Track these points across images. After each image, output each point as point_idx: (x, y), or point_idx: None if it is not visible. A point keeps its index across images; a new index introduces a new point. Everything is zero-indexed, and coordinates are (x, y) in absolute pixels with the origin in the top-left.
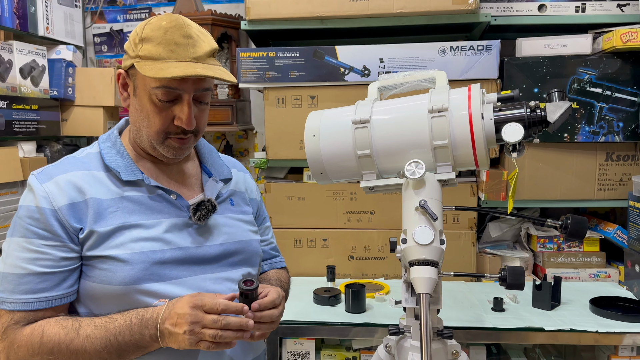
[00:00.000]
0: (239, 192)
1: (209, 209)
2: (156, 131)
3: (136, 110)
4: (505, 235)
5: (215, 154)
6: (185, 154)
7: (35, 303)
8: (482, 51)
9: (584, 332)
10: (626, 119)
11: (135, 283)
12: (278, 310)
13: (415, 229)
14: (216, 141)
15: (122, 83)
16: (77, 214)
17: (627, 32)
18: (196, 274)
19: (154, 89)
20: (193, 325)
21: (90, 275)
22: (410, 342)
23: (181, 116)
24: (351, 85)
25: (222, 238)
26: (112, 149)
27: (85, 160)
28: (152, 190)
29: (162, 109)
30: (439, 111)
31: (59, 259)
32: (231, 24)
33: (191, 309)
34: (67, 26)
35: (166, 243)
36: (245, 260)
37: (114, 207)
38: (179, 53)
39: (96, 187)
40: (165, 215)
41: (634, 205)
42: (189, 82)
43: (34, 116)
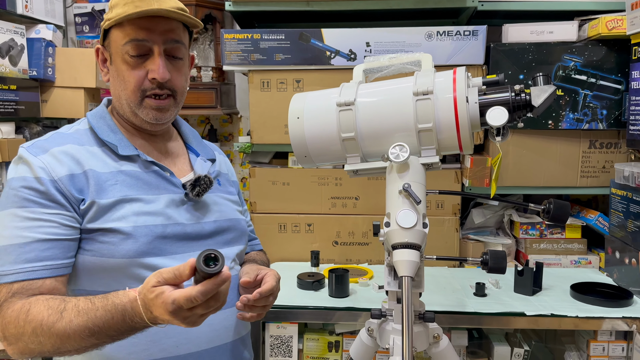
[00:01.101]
0: (223, 174)
1: (207, 184)
2: (132, 90)
3: (114, 79)
4: (489, 221)
5: (198, 136)
6: (166, 117)
7: (40, 271)
8: (468, 36)
9: (564, 317)
10: (610, 106)
11: (138, 256)
12: (273, 297)
13: (399, 212)
14: (200, 125)
15: (101, 59)
16: (78, 185)
17: (612, 20)
18: (193, 249)
19: (123, 46)
20: (188, 321)
21: (88, 249)
22: (392, 325)
23: (153, 68)
24: (337, 69)
25: (215, 215)
26: (104, 125)
27: (76, 136)
28: (147, 165)
29: (135, 65)
30: (424, 94)
31: (62, 225)
32: (215, 5)
33: (174, 314)
34: (47, 5)
35: (167, 218)
36: (236, 239)
37: (112, 180)
38: (141, 6)
39: (93, 160)
40: (162, 190)
41: (615, 192)
42: (156, 32)
43: (13, 97)
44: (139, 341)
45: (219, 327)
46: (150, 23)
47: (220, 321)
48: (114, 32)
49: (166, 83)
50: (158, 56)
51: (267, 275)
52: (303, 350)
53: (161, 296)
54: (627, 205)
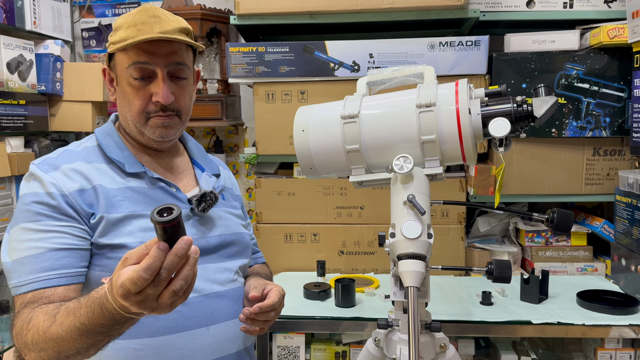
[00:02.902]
0: (228, 188)
1: (213, 199)
2: (137, 112)
3: (120, 99)
4: (494, 229)
5: (204, 151)
6: (172, 134)
7: (56, 279)
8: (470, 47)
9: (571, 325)
10: (613, 114)
11: None
12: (276, 313)
13: (403, 223)
14: (206, 137)
15: (108, 79)
16: (88, 200)
17: (614, 28)
18: (200, 263)
19: (127, 69)
20: (139, 307)
21: (98, 265)
22: (398, 335)
23: (157, 91)
24: (341, 80)
25: (220, 230)
26: (111, 142)
27: (84, 153)
28: (153, 182)
29: (139, 88)
30: (426, 106)
31: (75, 237)
32: (220, 19)
33: (125, 301)
34: (55, 20)
35: None
36: (240, 252)
37: (120, 196)
38: (144, 30)
39: (101, 177)
40: None
41: (620, 199)
42: (159, 55)
43: (22, 111)
44: (145, 354)
45: (223, 338)
46: (152, 46)
47: (225, 332)
48: (119, 55)
49: (170, 105)
50: (161, 80)
51: (272, 290)
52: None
53: (116, 280)
54: (632, 212)
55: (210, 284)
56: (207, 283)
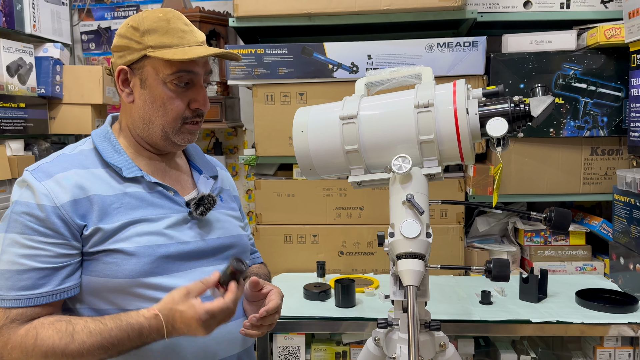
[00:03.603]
0: (225, 190)
1: (211, 203)
2: (174, 118)
3: (146, 103)
4: (493, 229)
5: (201, 152)
6: (195, 138)
7: (36, 299)
8: (468, 47)
9: (570, 323)
10: (610, 113)
11: (141, 276)
12: (278, 314)
13: (402, 223)
14: (205, 138)
15: (122, 79)
16: (81, 211)
17: (610, 28)
18: (197, 267)
19: (170, 75)
20: (210, 328)
21: (92, 270)
22: (398, 335)
23: (198, 98)
24: (340, 81)
25: (218, 232)
26: (108, 146)
27: (80, 157)
28: (151, 186)
29: (179, 94)
30: (424, 106)
31: (59, 255)
32: (219, 21)
33: (202, 323)
34: (54, 24)
35: (170, 238)
36: (238, 254)
37: (117, 203)
38: (187, 39)
39: (97, 184)
40: (167, 210)
41: (618, 198)
42: (200, 64)
43: (22, 114)
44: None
45: (222, 341)
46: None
47: (224, 335)
48: (155, 60)
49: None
50: (202, 87)
51: (272, 292)
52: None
53: (193, 308)
54: (630, 211)
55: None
56: None
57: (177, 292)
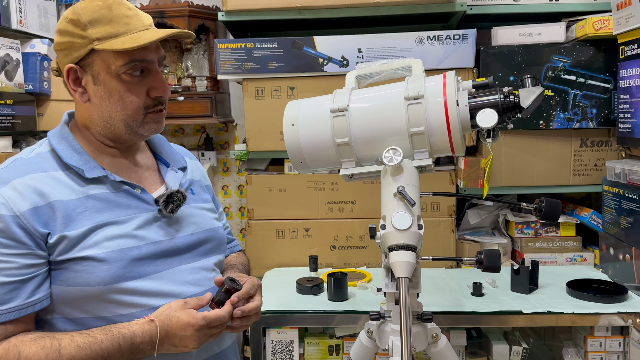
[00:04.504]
0: (196, 181)
1: (180, 199)
2: (135, 110)
3: (103, 99)
4: (484, 222)
5: (167, 143)
6: (162, 127)
7: (5, 315)
8: (458, 40)
9: (561, 314)
10: (600, 105)
11: (114, 282)
12: (255, 304)
13: (394, 215)
14: (196, 134)
15: (73, 79)
16: (43, 218)
17: (599, 20)
18: (172, 266)
19: (122, 66)
20: (201, 341)
21: (62, 279)
22: (390, 326)
23: (156, 85)
24: (330, 75)
25: (192, 228)
26: (67, 147)
27: (37, 160)
28: (116, 186)
29: (135, 84)
30: (415, 98)
31: (25, 266)
32: (208, 16)
33: (197, 331)
34: (41, 19)
35: (141, 239)
36: (214, 248)
37: (81, 207)
38: (134, 24)
39: (58, 188)
40: (134, 210)
41: (608, 189)
42: (153, 50)
43: (9, 111)
44: None
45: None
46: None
47: None
48: (104, 52)
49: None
50: (158, 72)
51: (247, 283)
52: (304, 354)
53: (191, 314)
54: (619, 202)
55: (188, 287)
56: (184, 286)
57: (175, 302)
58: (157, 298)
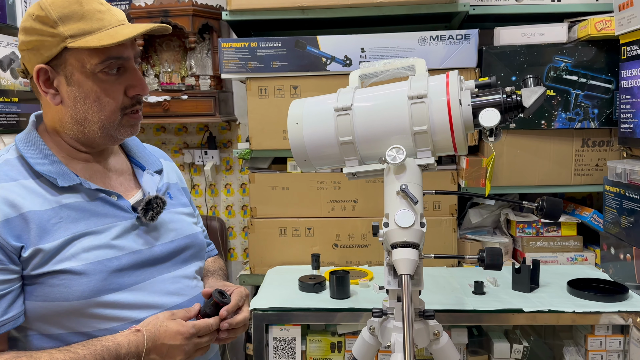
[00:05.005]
0: (173, 184)
1: (160, 206)
2: (112, 111)
3: (77, 100)
4: (486, 221)
5: (140, 144)
6: (137, 131)
7: None
8: (461, 40)
9: (562, 312)
10: (601, 105)
11: (94, 296)
12: (243, 316)
13: (397, 213)
14: (199, 133)
15: (44, 80)
16: (15, 231)
17: (601, 21)
18: (153, 276)
19: (98, 64)
20: (189, 352)
21: (37, 295)
22: (393, 323)
23: (134, 83)
24: (333, 75)
25: (172, 235)
26: (36, 153)
27: (5, 168)
28: (91, 194)
29: (112, 83)
30: (418, 98)
31: None
32: (212, 15)
33: (186, 340)
34: None
35: (120, 249)
36: (195, 255)
37: (55, 217)
38: (108, 20)
39: (30, 198)
40: (111, 218)
41: (609, 189)
42: (129, 47)
43: (15, 109)
44: None
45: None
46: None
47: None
48: (78, 51)
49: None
50: (135, 70)
51: (235, 293)
52: (306, 351)
53: (180, 323)
54: (620, 201)
55: (170, 297)
56: (166, 296)
57: (162, 313)
58: (139, 310)
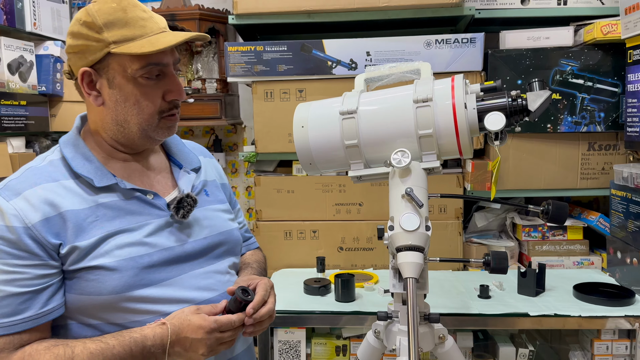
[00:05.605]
0: (210, 181)
1: (191, 204)
2: (150, 114)
3: (118, 103)
4: (491, 224)
5: (180, 142)
6: (174, 132)
7: (20, 324)
8: (466, 44)
9: (568, 317)
10: (607, 109)
11: (125, 291)
12: (267, 308)
13: (402, 216)
14: (205, 135)
15: (87, 82)
16: (54, 229)
17: (607, 25)
18: (185, 271)
19: (139, 69)
20: (212, 346)
21: (75, 289)
22: (398, 327)
23: (172, 88)
24: (339, 78)
25: (205, 232)
26: (77, 154)
27: (49, 169)
28: (127, 193)
29: (151, 88)
30: (423, 101)
31: (38, 276)
32: (219, 19)
33: (208, 334)
34: (54, 22)
35: (152, 246)
36: (229, 251)
37: (92, 216)
38: (149, 27)
39: (69, 198)
40: (146, 217)
41: (615, 193)
42: (168, 53)
43: (23, 112)
44: None
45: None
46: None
47: None
48: (120, 56)
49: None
50: (174, 76)
51: (258, 286)
52: (311, 354)
53: (203, 317)
54: (627, 205)
55: (201, 292)
56: (197, 291)
57: (188, 307)
58: (169, 304)
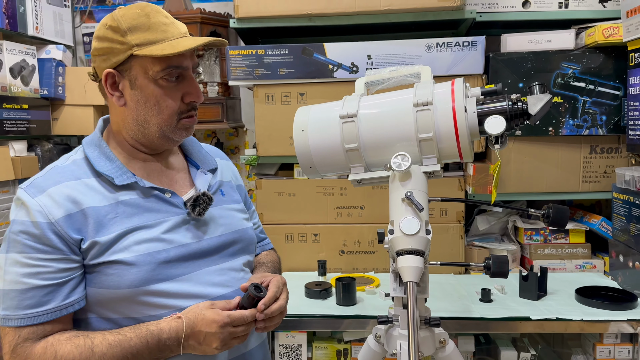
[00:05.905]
0: (226, 182)
1: (207, 202)
2: (170, 114)
3: (139, 104)
4: (493, 228)
5: (198, 144)
6: (191, 133)
7: (43, 316)
8: (467, 47)
9: (570, 320)
10: (609, 112)
11: (143, 285)
12: (279, 304)
13: (402, 220)
14: (207, 139)
15: (111, 83)
16: (76, 225)
17: (609, 27)
18: (200, 267)
19: (160, 71)
20: (225, 340)
21: (95, 282)
22: (398, 331)
23: (191, 91)
24: (340, 81)
25: (220, 230)
26: (99, 154)
27: (72, 168)
28: (146, 191)
29: (171, 89)
30: (423, 105)
31: (60, 270)
32: (220, 22)
33: (221, 328)
34: (56, 26)
35: (169, 242)
36: (243, 249)
37: (112, 213)
38: (171, 32)
39: (91, 195)
40: (164, 214)
41: (617, 196)
42: (188, 57)
43: (25, 115)
44: None
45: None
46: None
47: None
48: (143, 58)
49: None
50: (193, 79)
51: (270, 283)
52: (312, 358)
53: (216, 311)
54: (629, 209)
55: (215, 288)
56: (212, 287)
57: (203, 302)
58: (185, 299)
